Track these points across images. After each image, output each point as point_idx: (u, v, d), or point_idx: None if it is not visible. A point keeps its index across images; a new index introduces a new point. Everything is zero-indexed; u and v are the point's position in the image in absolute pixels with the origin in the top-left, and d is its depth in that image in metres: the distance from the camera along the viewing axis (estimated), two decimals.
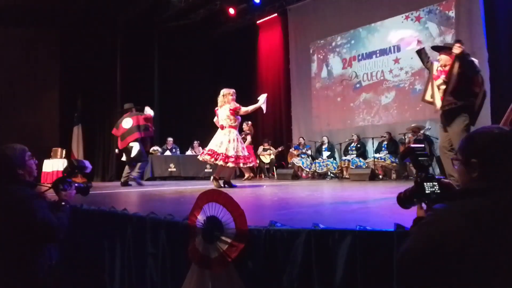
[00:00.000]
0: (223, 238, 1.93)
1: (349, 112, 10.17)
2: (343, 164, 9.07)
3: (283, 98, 11.54)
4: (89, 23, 9.88)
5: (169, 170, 9.68)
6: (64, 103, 10.20)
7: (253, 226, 1.94)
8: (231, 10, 11.05)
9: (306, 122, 11.06)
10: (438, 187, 1.42)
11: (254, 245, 1.90)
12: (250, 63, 12.20)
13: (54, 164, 9.06)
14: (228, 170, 5.75)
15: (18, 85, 9.57)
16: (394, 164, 8.37)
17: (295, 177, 9.30)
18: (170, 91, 11.15)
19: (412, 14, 9.05)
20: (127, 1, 9.94)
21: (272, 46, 11.97)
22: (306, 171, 9.76)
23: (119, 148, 7.14)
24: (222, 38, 12.33)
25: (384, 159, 8.49)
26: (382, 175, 8.41)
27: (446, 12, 8.53)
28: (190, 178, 9.51)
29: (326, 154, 9.69)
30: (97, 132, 10.46)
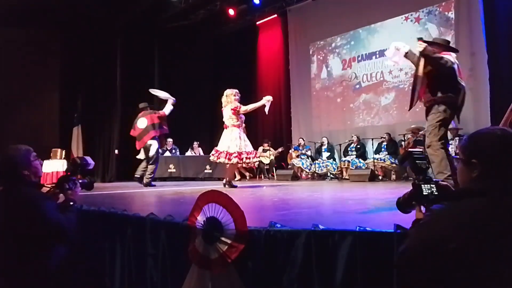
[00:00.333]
0: (223, 239, 1.93)
1: (348, 113, 10.18)
2: (343, 165, 9.07)
3: (283, 99, 11.54)
4: (89, 24, 9.87)
5: (168, 171, 9.68)
6: (64, 104, 10.19)
7: (253, 227, 1.94)
8: (231, 11, 11.05)
9: (306, 123, 11.06)
10: (436, 189, 1.42)
11: (254, 246, 1.90)
12: (250, 64, 12.19)
13: (54, 165, 9.04)
14: (230, 169, 5.90)
15: (18, 85, 9.56)
16: (394, 165, 8.37)
17: (295, 178, 9.31)
18: (170, 92, 11.06)
19: (411, 15, 9.05)
20: (128, 1, 9.95)
21: (272, 47, 11.97)
22: (306, 172, 9.76)
23: (137, 148, 7.23)
24: (222, 39, 12.32)
25: (383, 160, 8.50)
26: (381, 176, 8.41)
27: (446, 13, 8.54)
28: (190, 179, 9.51)
29: (325, 155, 9.70)
30: (97, 132, 10.46)
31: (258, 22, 11.98)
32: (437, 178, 4.05)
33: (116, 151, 10.21)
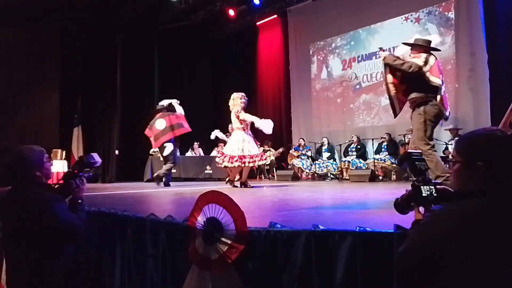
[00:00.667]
0: (223, 239, 1.93)
1: (349, 113, 10.17)
2: (343, 165, 9.07)
3: (283, 99, 11.54)
4: (89, 24, 9.88)
5: None
6: (64, 104, 10.20)
7: (253, 227, 1.94)
8: (231, 12, 11.05)
9: (306, 123, 11.06)
10: (435, 191, 1.42)
11: (254, 246, 1.90)
12: (250, 64, 12.19)
13: (54, 165, 9.04)
14: (233, 170, 6.01)
15: (18, 85, 9.57)
16: (394, 165, 8.36)
17: (295, 178, 9.31)
18: (170, 92, 11.06)
19: (411, 15, 9.05)
20: (128, 1, 9.95)
21: (272, 48, 11.97)
22: (306, 172, 9.76)
23: (153, 147, 7.36)
24: (222, 40, 12.33)
25: (384, 160, 8.49)
26: (382, 176, 8.41)
27: (446, 13, 8.53)
28: (190, 179, 9.50)
29: (326, 155, 9.70)
30: (97, 133, 10.46)
31: (258, 23, 11.98)
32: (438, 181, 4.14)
33: (116, 152, 10.21)
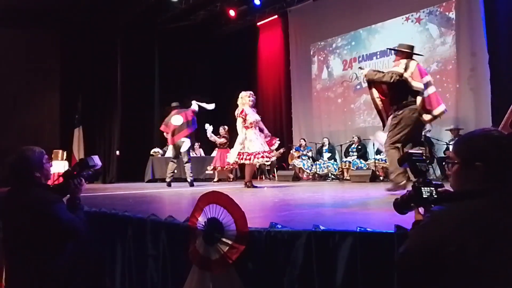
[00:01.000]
0: (224, 239, 1.93)
1: (349, 113, 10.17)
2: (344, 165, 9.07)
3: (284, 100, 11.54)
4: (89, 24, 9.88)
5: None
6: (64, 104, 10.19)
7: (253, 227, 1.94)
8: (232, 12, 11.05)
9: (307, 123, 11.06)
10: (435, 192, 1.42)
11: (255, 246, 1.90)
12: (250, 65, 12.19)
13: (55, 166, 9.03)
14: (248, 169, 6.08)
15: (18, 86, 9.56)
16: None
17: (296, 178, 9.30)
18: (170, 93, 11.11)
19: (412, 15, 9.05)
20: (128, 2, 9.96)
21: (272, 48, 11.97)
22: (307, 173, 9.75)
23: (169, 143, 7.43)
24: (222, 40, 12.33)
25: (385, 161, 8.47)
26: (383, 177, 8.39)
27: (447, 13, 8.53)
28: None
29: (326, 155, 9.69)
30: (97, 133, 10.46)
31: (258, 23, 11.98)
32: (390, 177, 4.28)
33: (117, 152, 10.21)
